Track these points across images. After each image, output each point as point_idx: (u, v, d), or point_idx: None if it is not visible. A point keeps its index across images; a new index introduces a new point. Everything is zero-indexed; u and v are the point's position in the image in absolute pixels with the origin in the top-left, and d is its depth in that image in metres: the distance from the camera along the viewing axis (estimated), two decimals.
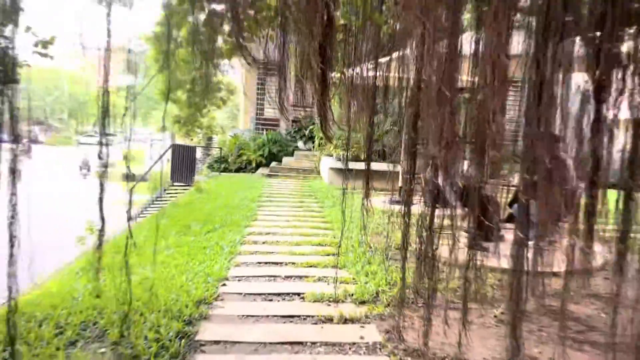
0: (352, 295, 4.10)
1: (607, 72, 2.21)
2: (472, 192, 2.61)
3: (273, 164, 14.53)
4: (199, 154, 21.13)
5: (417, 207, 3.02)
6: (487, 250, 2.82)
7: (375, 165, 3.51)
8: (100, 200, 3.23)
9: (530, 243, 2.35)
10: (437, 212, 2.99)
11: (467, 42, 2.65)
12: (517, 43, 2.33)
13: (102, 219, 3.22)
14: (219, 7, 4.16)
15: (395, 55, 3.37)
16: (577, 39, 2.28)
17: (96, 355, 2.95)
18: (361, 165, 3.54)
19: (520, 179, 2.35)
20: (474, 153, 2.55)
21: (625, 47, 2.23)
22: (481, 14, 2.64)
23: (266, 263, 5.10)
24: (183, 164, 14.14)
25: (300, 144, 15.68)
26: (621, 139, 2.28)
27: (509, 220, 5.14)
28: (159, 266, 4.76)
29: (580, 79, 2.39)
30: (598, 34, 2.21)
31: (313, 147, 14.75)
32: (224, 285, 4.35)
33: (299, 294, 4.14)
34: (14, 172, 2.50)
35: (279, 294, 4.14)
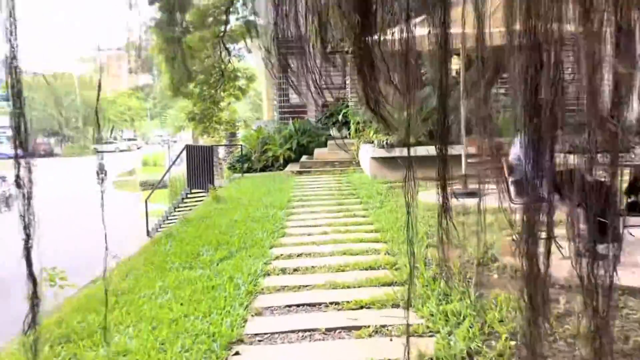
0: None
1: None
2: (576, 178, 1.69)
3: (303, 158, 12.71)
4: (221, 153, 19.38)
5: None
6: (607, 257, 1.63)
7: (422, 150, 2.44)
8: (27, 250, 1.79)
9: None
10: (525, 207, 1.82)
11: None
12: None
13: (33, 277, 1.78)
14: None
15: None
16: None
17: None
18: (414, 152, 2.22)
19: None
20: (577, 125, 1.73)
21: None
22: None
23: (298, 306, 3.62)
24: (199, 167, 12.26)
25: (333, 131, 13.48)
26: None
27: (630, 211, 3.89)
28: (145, 325, 3.34)
29: None
30: None
31: (349, 134, 12.22)
32: (237, 354, 2.91)
33: None
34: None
35: None
